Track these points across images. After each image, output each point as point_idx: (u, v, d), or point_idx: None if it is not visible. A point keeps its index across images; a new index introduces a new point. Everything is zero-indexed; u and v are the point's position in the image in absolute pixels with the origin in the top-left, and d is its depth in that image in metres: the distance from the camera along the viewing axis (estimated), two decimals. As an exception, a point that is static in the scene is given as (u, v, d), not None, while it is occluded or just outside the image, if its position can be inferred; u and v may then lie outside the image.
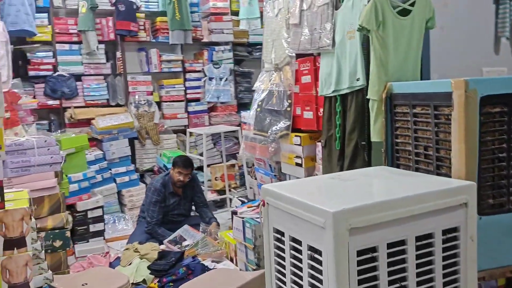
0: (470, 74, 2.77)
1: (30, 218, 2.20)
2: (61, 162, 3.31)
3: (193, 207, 4.40)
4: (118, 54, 5.30)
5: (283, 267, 1.76)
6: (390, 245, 1.54)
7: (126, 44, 5.38)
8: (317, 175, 2.97)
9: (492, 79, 1.78)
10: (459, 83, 1.75)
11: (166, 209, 4.15)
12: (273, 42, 3.26)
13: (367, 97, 2.33)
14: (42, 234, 3.10)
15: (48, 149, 3.21)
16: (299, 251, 1.64)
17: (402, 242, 1.56)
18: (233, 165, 5.55)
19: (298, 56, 3.07)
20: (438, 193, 1.61)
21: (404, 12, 2.27)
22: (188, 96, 5.64)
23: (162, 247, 3.83)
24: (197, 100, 5.71)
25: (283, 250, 1.74)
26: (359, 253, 1.49)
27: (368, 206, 1.48)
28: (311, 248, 1.57)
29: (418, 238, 1.59)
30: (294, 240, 1.67)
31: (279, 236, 1.77)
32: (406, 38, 2.27)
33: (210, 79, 5.69)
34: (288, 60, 3.14)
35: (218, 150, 5.61)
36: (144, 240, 3.90)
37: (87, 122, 5.01)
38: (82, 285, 2.79)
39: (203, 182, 5.07)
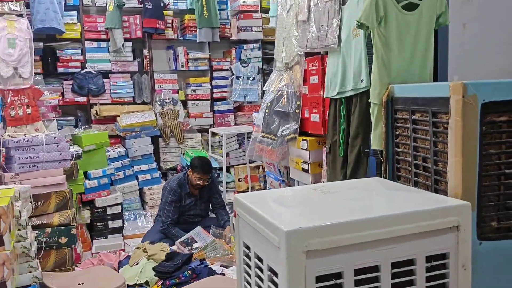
0: (497, 77, 2.47)
1: (13, 217, 2.19)
2: (71, 159, 3.32)
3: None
4: (146, 52, 5.32)
5: (250, 285, 1.61)
6: (359, 272, 1.35)
7: (154, 42, 5.38)
8: (324, 182, 2.78)
9: (497, 83, 1.53)
10: (456, 87, 1.52)
11: (182, 209, 4.09)
12: (284, 40, 3.09)
13: (369, 100, 2.12)
14: (48, 230, 3.12)
15: (58, 145, 3.23)
16: (262, 270, 1.48)
17: (375, 269, 1.36)
18: (257, 167, 5.42)
19: (308, 55, 2.89)
20: (421, 213, 1.39)
21: (411, 7, 2.03)
22: (214, 95, 5.57)
23: (174, 248, 3.77)
24: (223, 99, 5.62)
25: (250, 267, 1.59)
26: (320, 279, 1.31)
27: (331, 225, 1.30)
28: (270, 269, 1.41)
29: (395, 265, 1.39)
30: (258, 257, 1.51)
31: (247, 251, 1.62)
32: (412, 36, 2.03)
33: (237, 78, 5.58)
34: (298, 59, 2.96)
35: (244, 151, 5.50)
36: (157, 239, 3.86)
37: (113, 119, 5.06)
38: (79, 284, 2.78)
39: (222, 182, 4.98)
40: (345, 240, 1.30)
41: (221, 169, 5.17)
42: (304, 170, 2.90)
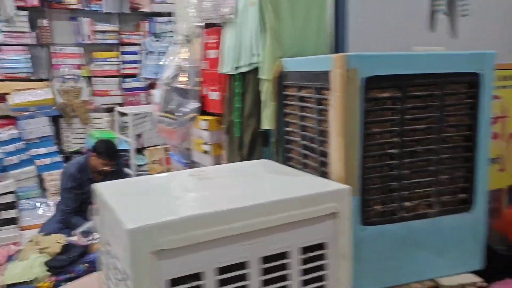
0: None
1: None
2: None
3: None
4: (45, 22, 4.78)
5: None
6: (223, 270, 1.18)
7: (55, 12, 4.86)
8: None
9: (380, 56, 1.41)
10: (338, 60, 1.38)
11: (84, 197, 3.74)
12: (184, 10, 2.82)
13: (258, 76, 1.94)
14: None
15: None
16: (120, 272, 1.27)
17: (241, 265, 1.20)
18: (172, 148, 5.15)
19: (208, 26, 2.65)
20: (293, 201, 1.24)
21: (303, -27, 1.87)
22: (123, 71, 5.17)
23: (74, 238, 3.45)
24: (133, 76, 5.24)
25: (110, 267, 1.37)
26: (176, 281, 1.12)
27: (185, 220, 1.11)
28: (125, 271, 1.20)
29: (266, 259, 1.23)
30: (116, 257, 1.29)
31: (109, 248, 1.39)
32: (305, 4, 1.87)
33: (150, 53, 5.22)
34: (198, 31, 2.71)
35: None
36: (55, 230, 3.51)
37: (3, 98, 4.52)
38: None
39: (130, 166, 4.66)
40: (203, 236, 1.12)
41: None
42: (205, 151, 2.70)
